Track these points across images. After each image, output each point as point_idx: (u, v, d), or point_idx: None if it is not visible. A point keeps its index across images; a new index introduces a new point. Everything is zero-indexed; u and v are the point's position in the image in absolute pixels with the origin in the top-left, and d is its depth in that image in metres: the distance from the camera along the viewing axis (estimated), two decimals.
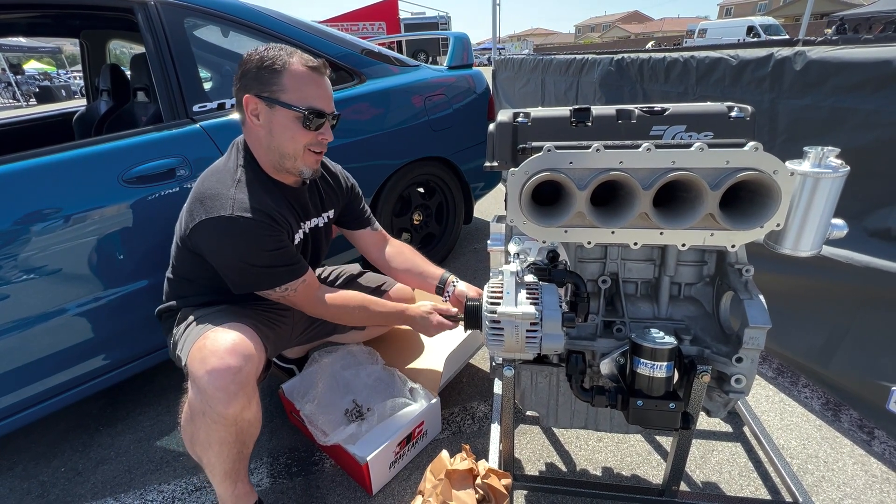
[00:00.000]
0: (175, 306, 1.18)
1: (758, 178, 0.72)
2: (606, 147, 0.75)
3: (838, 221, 0.79)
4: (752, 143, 0.72)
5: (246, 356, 0.94)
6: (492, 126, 0.97)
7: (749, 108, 0.89)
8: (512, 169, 0.80)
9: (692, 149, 0.74)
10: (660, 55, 1.86)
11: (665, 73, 1.84)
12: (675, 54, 1.78)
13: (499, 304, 0.80)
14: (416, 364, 1.51)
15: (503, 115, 0.96)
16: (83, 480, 1.36)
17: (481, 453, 1.33)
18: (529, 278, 0.86)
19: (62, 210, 1.25)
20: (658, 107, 0.93)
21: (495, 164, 0.97)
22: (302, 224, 1.22)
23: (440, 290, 1.38)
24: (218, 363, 0.91)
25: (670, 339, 0.83)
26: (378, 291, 1.47)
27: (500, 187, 3.18)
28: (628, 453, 1.32)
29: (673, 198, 0.80)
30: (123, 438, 1.50)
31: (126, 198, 1.34)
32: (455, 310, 1.35)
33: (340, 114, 1.15)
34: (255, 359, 0.96)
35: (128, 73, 2.22)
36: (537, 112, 0.95)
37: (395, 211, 2.23)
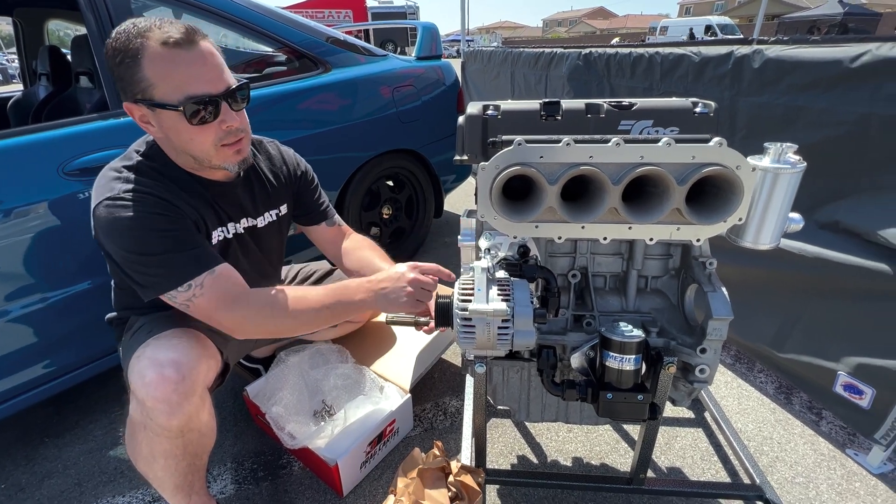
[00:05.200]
0: (123, 315, 1.10)
1: (722, 174, 0.73)
2: (577, 141, 0.75)
3: (795, 215, 0.82)
4: (716, 139, 0.73)
5: (189, 364, 0.87)
6: (461, 119, 0.94)
7: (713, 104, 0.91)
8: (482, 163, 0.78)
9: (659, 144, 0.74)
10: (626, 51, 1.88)
11: (631, 69, 1.87)
12: (640, 50, 1.81)
13: (470, 300, 0.79)
14: (387, 361, 1.48)
15: (473, 108, 0.94)
16: (26, 497, 1.26)
17: (454, 449, 1.33)
18: (500, 274, 0.84)
19: None
20: (626, 101, 0.93)
21: (465, 157, 0.95)
22: (229, 224, 1.06)
23: None
24: (156, 373, 0.84)
25: (638, 333, 0.84)
26: None
27: (471, 180, 3.17)
28: (597, 443, 1.35)
29: (641, 193, 0.81)
30: (72, 449, 1.41)
31: (67, 191, 1.23)
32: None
33: (248, 82, 0.93)
34: (200, 366, 0.89)
35: (69, 55, 2.05)
36: (507, 105, 0.93)
37: (364, 205, 2.18)
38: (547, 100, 0.92)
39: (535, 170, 0.75)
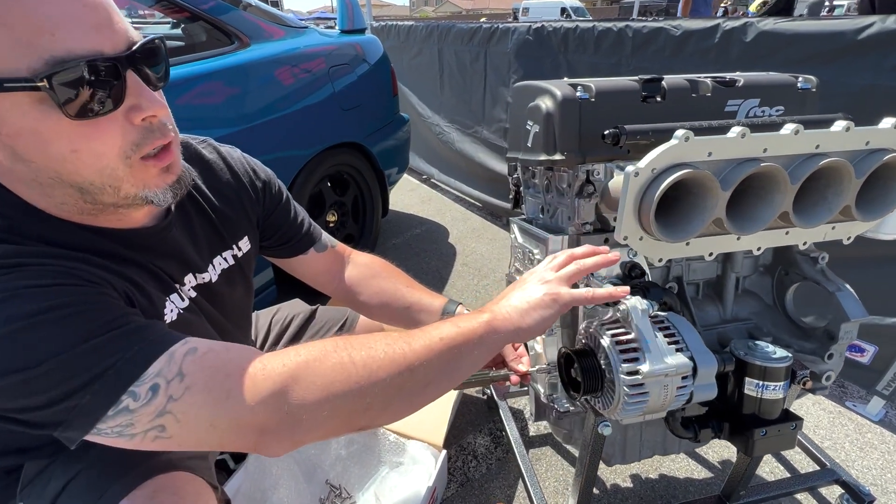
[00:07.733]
0: (9, 464, 0.63)
1: None
2: (753, 130, 0.57)
3: None
4: (891, 120, 0.61)
5: None
6: (549, 104, 0.70)
7: (813, 78, 0.81)
8: (631, 167, 0.56)
9: (836, 129, 0.60)
10: (588, 24, 1.77)
11: (595, 44, 1.76)
12: (606, 24, 1.71)
13: (638, 359, 0.57)
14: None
15: (560, 89, 0.70)
16: None
17: (504, 499, 1.12)
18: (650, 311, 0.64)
19: None
20: (727, 76, 0.78)
21: (558, 157, 0.71)
22: (174, 292, 0.64)
23: None
24: None
25: (784, 353, 0.71)
26: (341, 331, 1.09)
27: (408, 177, 2.85)
28: None
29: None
30: None
31: None
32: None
33: (161, 40, 0.51)
34: None
35: None
36: (600, 84, 0.71)
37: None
38: (647, 77, 0.72)
39: (708, 172, 0.55)
